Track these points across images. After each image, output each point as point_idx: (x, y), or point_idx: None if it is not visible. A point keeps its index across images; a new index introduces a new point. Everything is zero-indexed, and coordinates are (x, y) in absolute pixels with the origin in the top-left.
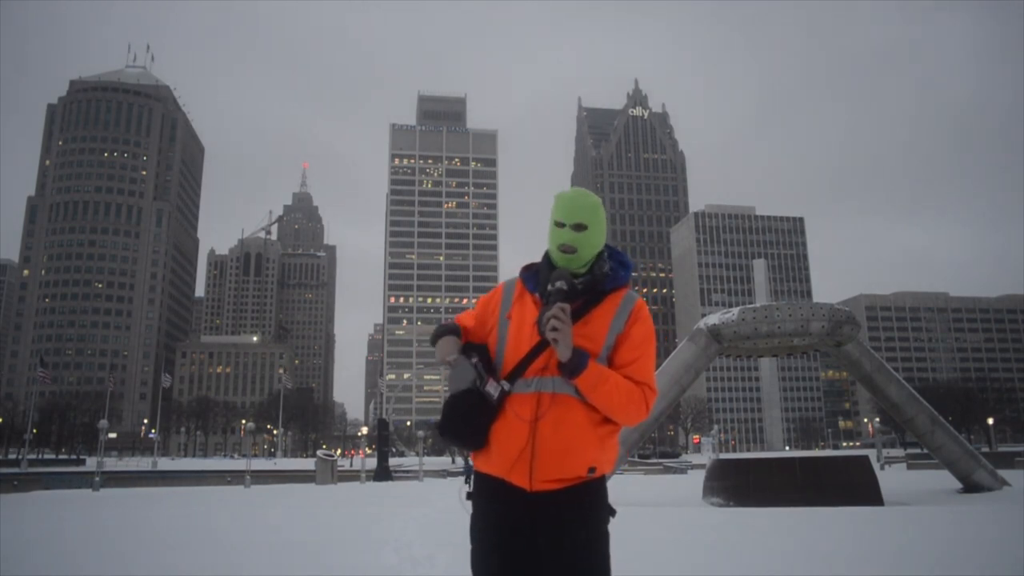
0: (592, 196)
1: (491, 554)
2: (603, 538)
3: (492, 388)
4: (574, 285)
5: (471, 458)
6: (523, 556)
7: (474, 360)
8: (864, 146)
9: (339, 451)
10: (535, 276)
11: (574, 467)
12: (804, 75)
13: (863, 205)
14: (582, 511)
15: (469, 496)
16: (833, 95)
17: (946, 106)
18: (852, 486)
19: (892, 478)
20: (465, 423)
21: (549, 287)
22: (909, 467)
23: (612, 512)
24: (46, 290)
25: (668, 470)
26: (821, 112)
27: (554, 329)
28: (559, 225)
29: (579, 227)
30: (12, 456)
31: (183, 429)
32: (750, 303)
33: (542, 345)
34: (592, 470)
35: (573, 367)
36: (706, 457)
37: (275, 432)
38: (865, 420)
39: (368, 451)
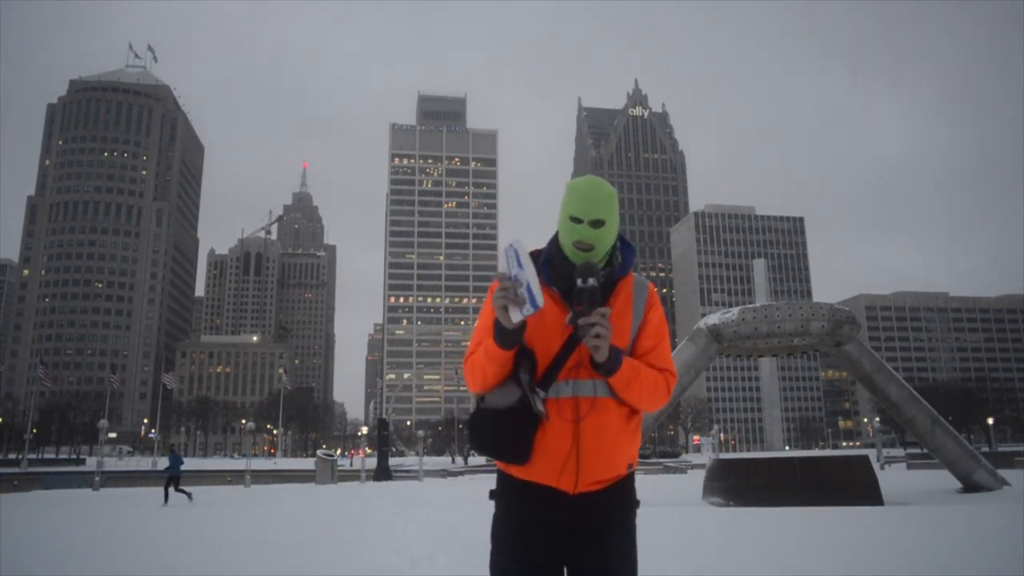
0: (607, 187)
1: (519, 557)
2: (634, 532)
3: (540, 404)
4: (600, 280)
5: (497, 463)
6: (551, 559)
7: (523, 376)
8: (865, 146)
9: (339, 451)
10: (546, 266)
11: (616, 468)
12: (805, 75)
13: (863, 205)
14: (622, 509)
15: (492, 495)
16: (834, 96)
17: (947, 106)
18: (852, 486)
19: (892, 478)
20: (510, 439)
21: (579, 283)
22: (909, 467)
23: (637, 503)
24: (46, 290)
25: (668, 470)
26: (821, 113)
27: (597, 336)
28: (575, 220)
29: (597, 223)
30: (12, 456)
31: (183, 429)
32: (750, 303)
33: (572, 344)
34: (630, 466)
35: (611, 366)
36: (706, 457)
37: (275, 432)
38: (865, 420)
39: (368, 451)
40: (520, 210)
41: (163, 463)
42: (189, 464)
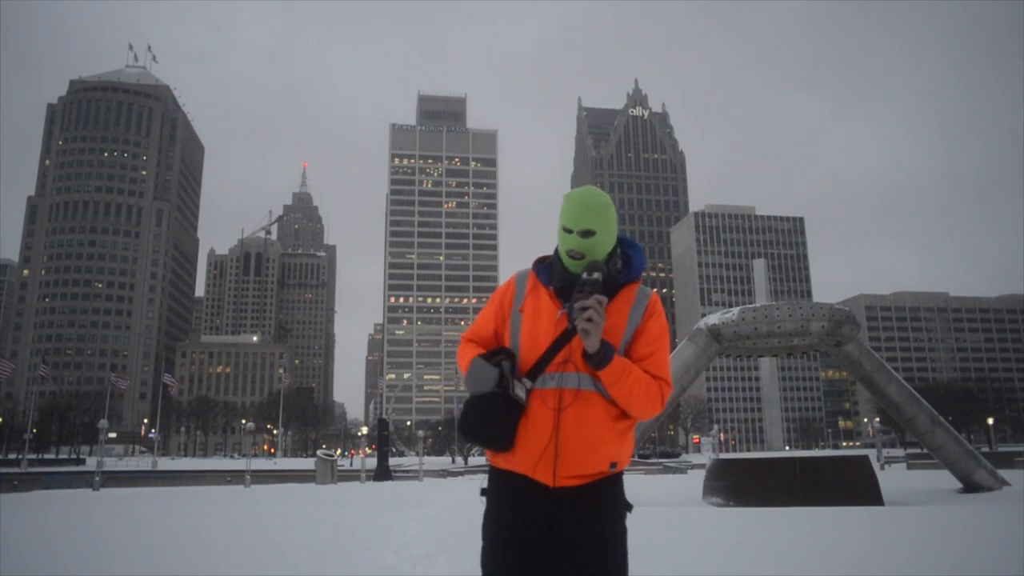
0: (600, 197)
1: (503, 550)
2: (622, 533)
3: (521, 391)
4: (605, 277)
5: (488, 455)
6: (535, 553)
7: (500, 361)
8: (865, 147)
9: (339, 451)
10: (548, 269)
11: (596, 463)
12: (805, 77)
13: (863, 205)
14: (602, 507)
15: (484, 492)
16: (835, 97)
17: (947, 108)
18: (852, 486)
19: (892, 478)
20: (493, 425)
21: (584, 275)
22: (909, 467)
23: (629, 507)
24: (46, 290)
25: (668, 470)
26: (822, 114)
27: (589, 320)
28: (567, 231)
29: (587, 233)
30: (12, 456)
31: (183, 429)
32: (750, 303)
33: (563, 339)
34: (613, 465)
35: (601, 358)
36: (706, 457)
37: (275, 432)
38: (865, 420)
39: (368, 451)
40: (520, 210)
41: (163, 463)
42: (188, 464)
